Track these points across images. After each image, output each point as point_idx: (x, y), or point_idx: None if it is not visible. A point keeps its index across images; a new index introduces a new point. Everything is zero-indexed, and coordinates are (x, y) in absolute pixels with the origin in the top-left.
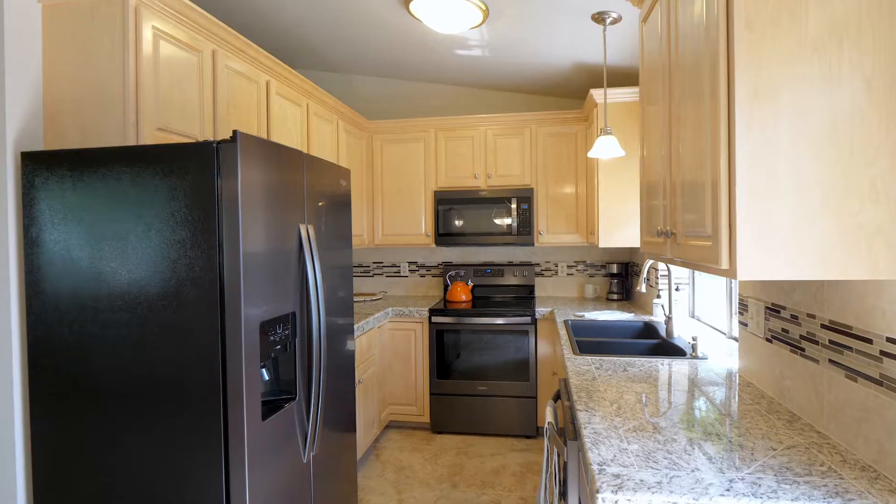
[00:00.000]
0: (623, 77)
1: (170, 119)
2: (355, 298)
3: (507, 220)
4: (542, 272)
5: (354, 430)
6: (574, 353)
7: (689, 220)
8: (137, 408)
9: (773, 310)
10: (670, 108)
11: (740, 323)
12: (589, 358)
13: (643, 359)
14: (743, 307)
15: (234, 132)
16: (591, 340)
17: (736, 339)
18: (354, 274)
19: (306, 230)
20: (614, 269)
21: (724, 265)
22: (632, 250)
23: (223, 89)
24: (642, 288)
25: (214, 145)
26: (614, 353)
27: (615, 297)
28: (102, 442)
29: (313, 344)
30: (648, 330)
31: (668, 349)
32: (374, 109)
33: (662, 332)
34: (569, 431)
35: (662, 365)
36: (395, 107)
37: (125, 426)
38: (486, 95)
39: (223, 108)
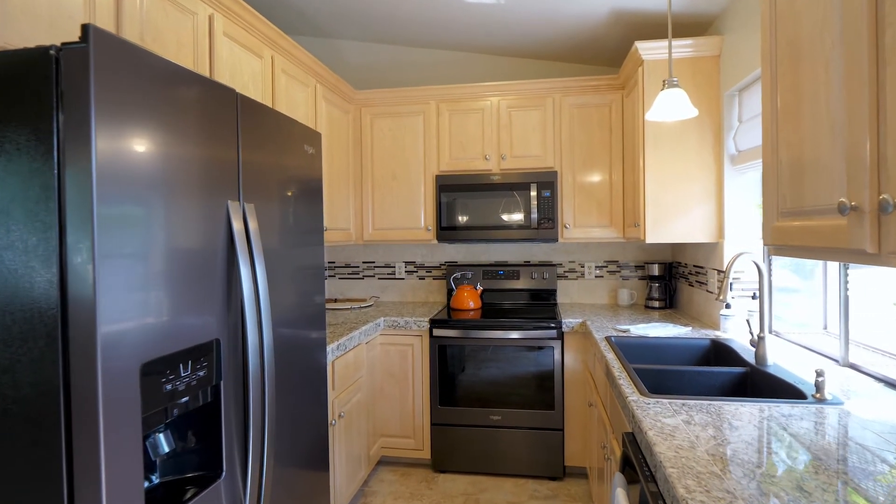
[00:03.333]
0: (673, 28)
1: (31, 33)
2: (341, 306)
3: (525, 211)
4: (566, 274)
5: (328, 489)
6: (640, 392)
7: None
8: None
9: None
10: (875, 50)
11: None
12: (666, 402)
13: (746, 404)
14: None
15: (85, 27)
16: (648, 368)
17: (855, 368)
18: (341, 276)
19: (241, 212)
20: (655, 270)
21: None
22: (675, 248)
23: (134, 12)
24: (726, 297)
25: (52, 53)
26: (689, 390)
27: (656, 304)
28: None
29: (250, 386)
30: (719, 351)
31: (766, 384)
32: (364, 81)
33: (745, 356)
34: None
35: (784, 416)
36: (389, 78)
37: None
38: (497, 64)
39: (135, 38)
